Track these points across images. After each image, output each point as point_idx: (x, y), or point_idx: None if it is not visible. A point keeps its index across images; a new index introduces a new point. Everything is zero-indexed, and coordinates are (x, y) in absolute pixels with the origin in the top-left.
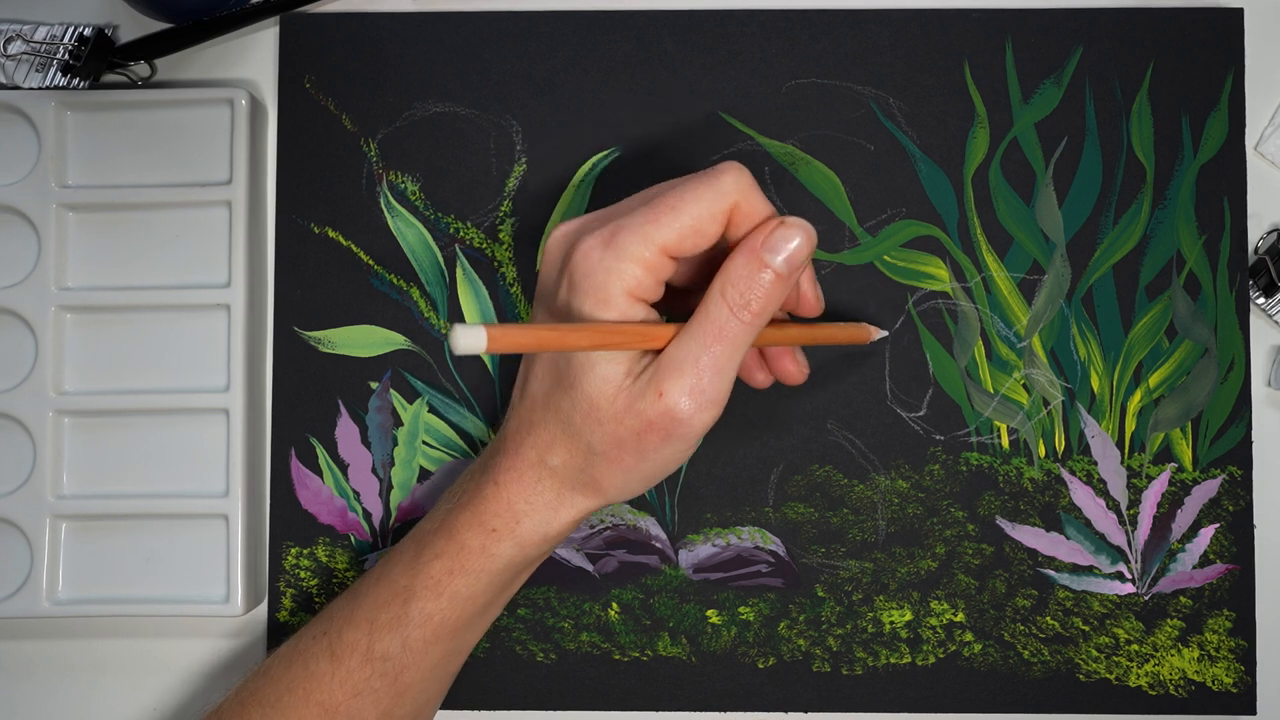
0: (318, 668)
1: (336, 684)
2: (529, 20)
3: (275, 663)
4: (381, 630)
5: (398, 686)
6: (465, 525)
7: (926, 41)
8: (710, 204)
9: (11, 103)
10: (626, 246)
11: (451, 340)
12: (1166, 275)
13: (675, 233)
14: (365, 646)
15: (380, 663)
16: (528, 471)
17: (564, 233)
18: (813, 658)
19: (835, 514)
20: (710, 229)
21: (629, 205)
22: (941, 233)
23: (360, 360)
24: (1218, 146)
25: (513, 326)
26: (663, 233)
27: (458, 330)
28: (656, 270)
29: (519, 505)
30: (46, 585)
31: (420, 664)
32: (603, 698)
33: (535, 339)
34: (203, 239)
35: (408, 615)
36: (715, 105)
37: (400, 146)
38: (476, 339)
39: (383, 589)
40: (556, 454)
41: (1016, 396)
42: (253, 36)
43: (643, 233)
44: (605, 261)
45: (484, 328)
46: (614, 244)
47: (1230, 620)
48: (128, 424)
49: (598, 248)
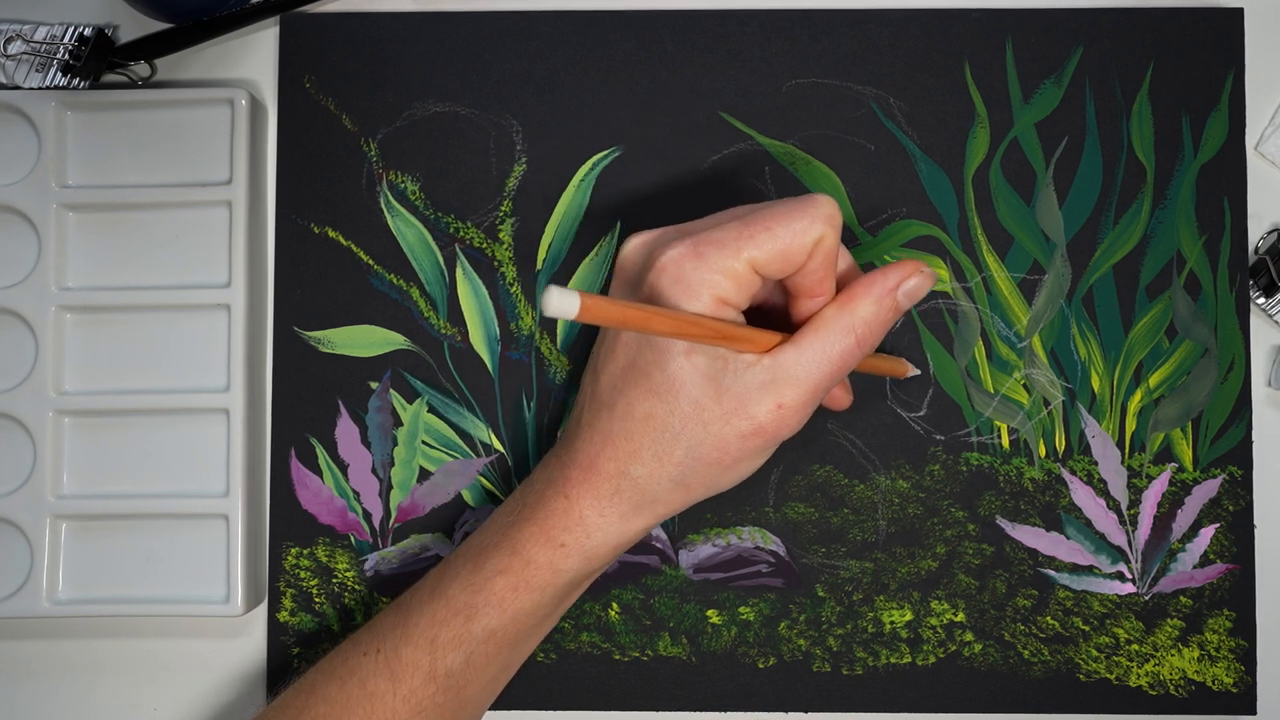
0: (376, 687)
1: (399, 702)
2: (529, 20)
3: (323, 680)
4: (444, 648)
5: (459, 700)
6: (531, 540)
7: (926, 41)
8: (803, 232)
9: (11, 103)
10: (717, 259)
11: (544, 301)
12: (1167, 275)
13: (766, 253)
14: (428, 665)
15: (444, 680)
16: (605, 484)
17: (643, 242)
18: (813, 658)
19: (836, 514)
20: (798, 255)
21: (714, 221)
22: (942, 233)
23: (360, 360)
24: (1218, 146)
25: (606, 299)
26: (755, 251)
27: (552, 291)
28: (745, 286)
29: (591, 519)
30: (46, 585)
31: (481, 678)
32: (603, 698)
33: (623, 315)
34: (203, 239)
35: (470, 633)
36: (715, 105)
37: (400, 146)
38: (570, 304)
39: (440, 606)
40: (642, 463)
41: (1017, 396)
42: (253, 36)
43: (735, 247)
44: (698, 271)
45: (579, 294)
46: (705, 256)
47: (1230, 620)
48: (128, 424)
49: (689, 257)
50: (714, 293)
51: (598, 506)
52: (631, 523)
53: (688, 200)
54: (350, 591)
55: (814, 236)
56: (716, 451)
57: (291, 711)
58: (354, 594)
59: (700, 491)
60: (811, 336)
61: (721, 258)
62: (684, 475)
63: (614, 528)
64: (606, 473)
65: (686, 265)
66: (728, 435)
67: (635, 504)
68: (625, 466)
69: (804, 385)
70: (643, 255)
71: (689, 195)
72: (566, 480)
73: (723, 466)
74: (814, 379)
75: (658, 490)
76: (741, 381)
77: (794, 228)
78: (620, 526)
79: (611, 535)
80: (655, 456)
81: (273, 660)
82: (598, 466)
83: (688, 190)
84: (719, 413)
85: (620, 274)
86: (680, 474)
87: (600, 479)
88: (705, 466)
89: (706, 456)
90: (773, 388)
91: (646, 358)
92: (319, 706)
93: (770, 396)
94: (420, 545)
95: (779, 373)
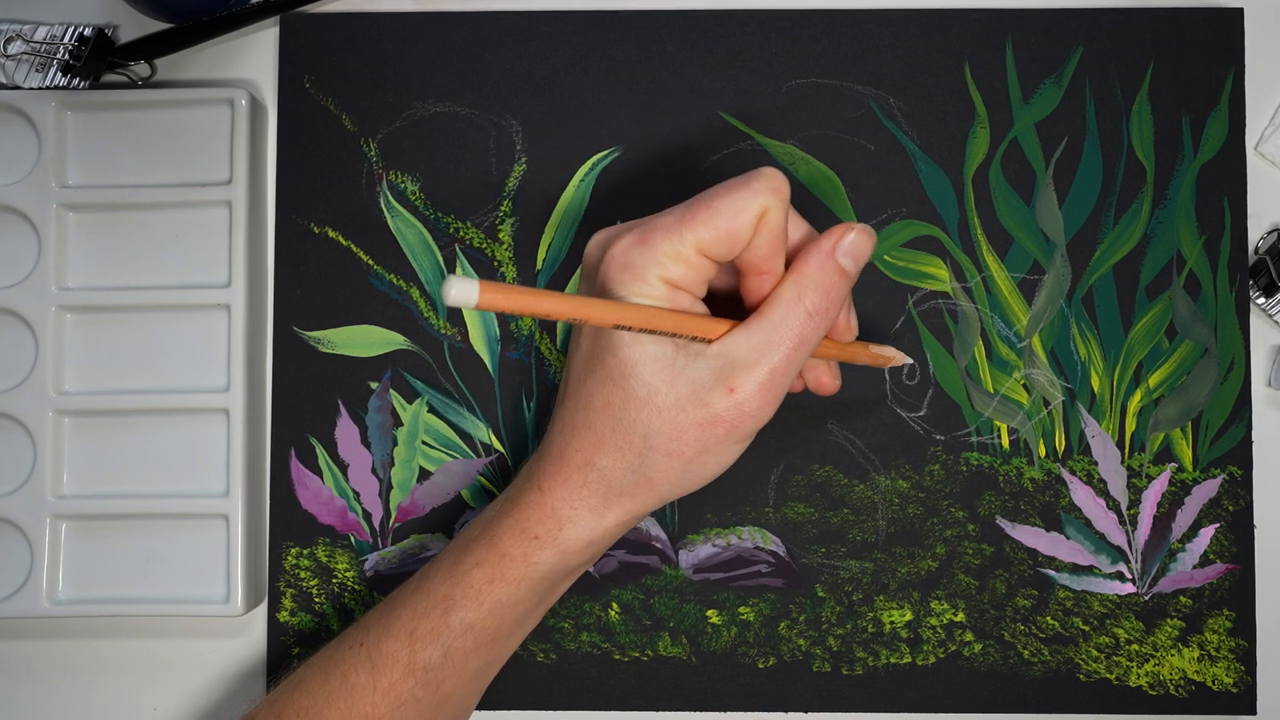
0: (357, 679)
1: (379, 696)
2: (529, 20)
3: (311, 674)
4: (422, 641)
5: (439, 696)
6: (507, 532)
7: (926, 41)
8: (745, 208)
9: (11, 103)
10: (662, 243)
11: (444, 290)
12: (1166, 275)
13: (710, 231)
14: (407, 658)
15: (422, 673)
16: (573, 475)
17: (602, 238)
18: (813, 658)
19: (835, 514)
20: (743, 231)
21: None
22: (942, 233)
23: (360, 360)
24: (1218, 146)
25: (505, 286)
26: (700, 230)
27: (451, 281)
28: (695, 269)
29: (563, 511)
30: (46, 585)
31: (461, 673)
32: (603, 698)
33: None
34: (203, 239)
35: (448, 625)
36: (715, 105)
37: (400, 146)
38: (469, 292)
39: (421, 599)
40: (605, 454)
41: (1017, 396)
42: (253, 36)
43: (678, 230)
44: (643, 256)
45: (479, 282)
46: (650, 241)
47: (1230, 620)
48: (128, 424)
49: (636, 245)
50: (661, 274)
51: (568, 499)
52: (603, 516)
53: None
54: (350, 591)
55: (756, 211)
56: (674, 441)
57: (279, 705)
58: (354, 594)
59: (666, 487)
60: (759, 318)
61: (666, 241)
62: (644, 465)
63: (585, 521)
64: (575, 464)
65: (633, 252)
66: (683, 424)
67: (603, 496)
68: (590, 457)
69: (757, 369)
70: (600, 250)
71: (689, 195)
72: (540, 473)
73: (684, 459)
74: (769, 361)
75: (623, 482)
76: (694, 367)
77: (736, 203)
78: (591, 520)
79: (584, 529)
80: (616, 446)
81: (272, 660)
82: (566, 457)
83: (688, 190)
84: (672, 399)
85: (584, 271)
86: (642, 465)
87: (569, 470)
88: (665, 458)
89: (664, 446)
90: (724, 374)
91: (603, 345)
92: (303, 700)
93: (722, 383)
94: (420, 545)
95: (729, 358)
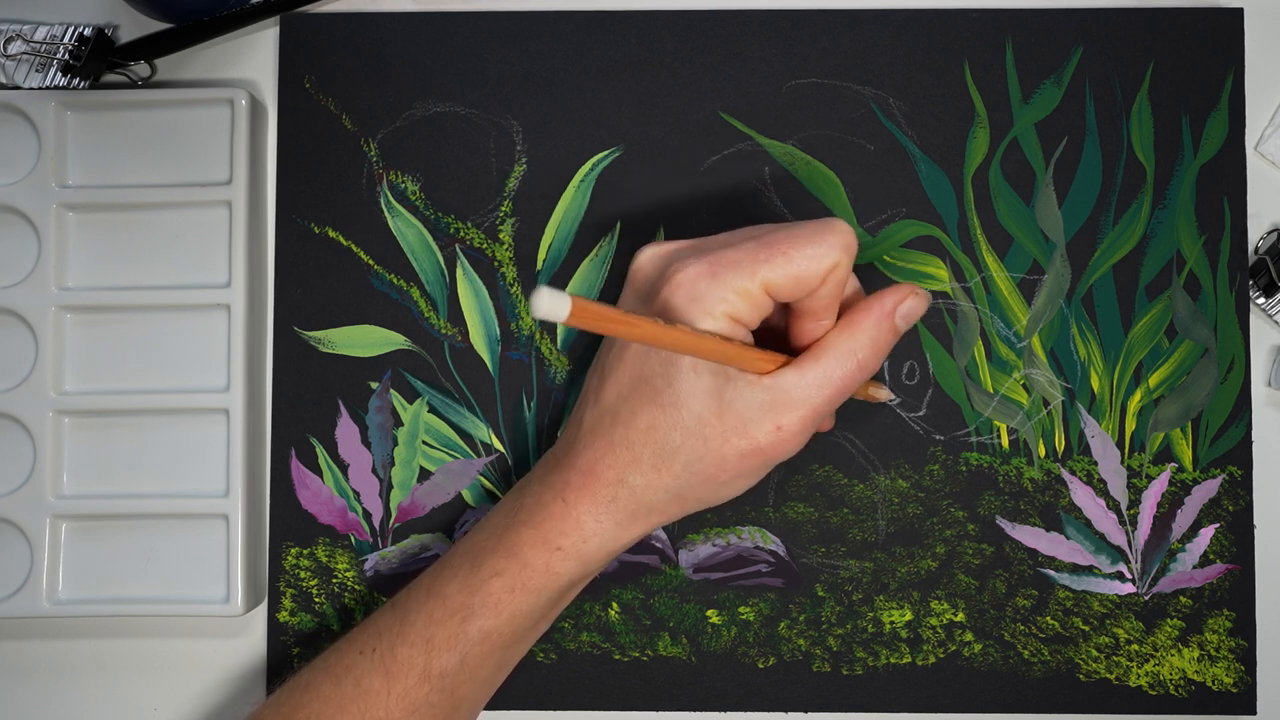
0: (371, 685)
1: (393, 701)
2: (529, 20)
3: (319, 679)
4: (439, 648)
5: (453, 700)
6: (528, 543)
7: (926, 41)
8: (820, 259)
9: (11, 103)
10: (732, 279)
11: (534, 302)
12: (1166, 275)
13: (781, 276)
14: (423, 664)
15: (438, 680)
16: (603, 490)
17: (658, 254)
18: (813, 658)
19: (835, 514)
20: (812, 281)
21: (730, 239)
22: (941, 233)
23: (360, 360)
24: (1218, 146)
25: (597, 304)
26: (770, 273)
27: (543, 293)
28: (758, 307)
29: (588, 524)
30: (46, 585)
31: (475, 678)
32: (603, 698)
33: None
34: (203, 239)
35: (466, 633)
36: (715, 105)
37: (400, 146)
38: (560, 306)
39: (436, 605)
40: (641, 473)
41: (1016, 396)
42: (253, 36)
43: (751, 269)
44: (713, 289)
45: (571, 297)
46: (720, 275)
47: (1230, 620)
48: (128, 424)
49: (705, 276)
50: (727, 311)
51: (595, 513)
52: (627, 530)
53: (688, 200)
54: (350, 591)
55: (829, 264)
56: (714, 467)
57: (286, 709)
58: (354, 594)
59: (694, 504)
60: (813, 361)
61: (737, 278)
62: (681, 488)
63: (609, 534)
64: (606, 480)
65: (701, 283)
66: (726, 453)
67: (631, 512)
68: (624, 475)
69: (803, 408)
70: (657, 268)
71: (689, 195)
72: (566, 485)
73: (719, 482)
74: (814, 402)
75: (654, 500)
76: (743, 400)
77: (811, 254)
78: (615, 533)
79: (607, 541)
80: (654, 467)
81: (272, 660)
82: (597, 473)
83: (688, 190)
84: (720, 430)
85: (632, 284)
86: (678, 486)
87: (599, 485)
88: (702, 481)
89: (704, 471)
90: (773, 409)
91: (654, 369)
92: (314, 704)
93: (770, 418)
94: (420, 545)
95: (779, 395)
